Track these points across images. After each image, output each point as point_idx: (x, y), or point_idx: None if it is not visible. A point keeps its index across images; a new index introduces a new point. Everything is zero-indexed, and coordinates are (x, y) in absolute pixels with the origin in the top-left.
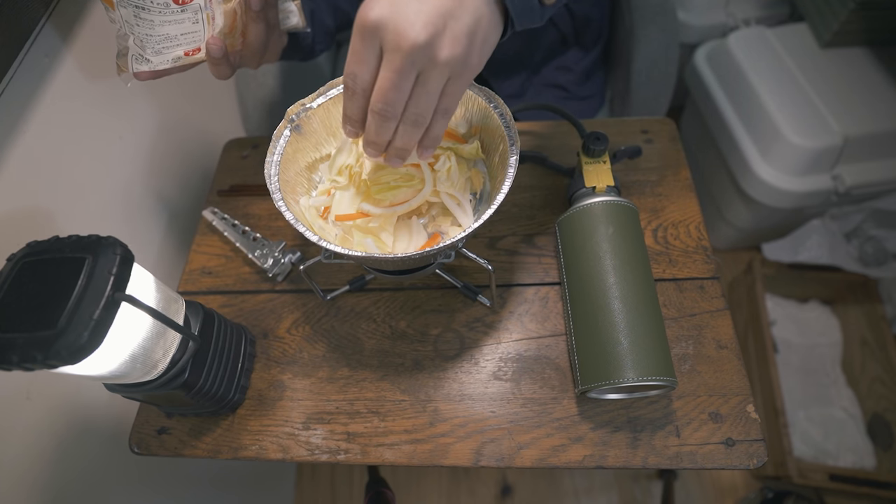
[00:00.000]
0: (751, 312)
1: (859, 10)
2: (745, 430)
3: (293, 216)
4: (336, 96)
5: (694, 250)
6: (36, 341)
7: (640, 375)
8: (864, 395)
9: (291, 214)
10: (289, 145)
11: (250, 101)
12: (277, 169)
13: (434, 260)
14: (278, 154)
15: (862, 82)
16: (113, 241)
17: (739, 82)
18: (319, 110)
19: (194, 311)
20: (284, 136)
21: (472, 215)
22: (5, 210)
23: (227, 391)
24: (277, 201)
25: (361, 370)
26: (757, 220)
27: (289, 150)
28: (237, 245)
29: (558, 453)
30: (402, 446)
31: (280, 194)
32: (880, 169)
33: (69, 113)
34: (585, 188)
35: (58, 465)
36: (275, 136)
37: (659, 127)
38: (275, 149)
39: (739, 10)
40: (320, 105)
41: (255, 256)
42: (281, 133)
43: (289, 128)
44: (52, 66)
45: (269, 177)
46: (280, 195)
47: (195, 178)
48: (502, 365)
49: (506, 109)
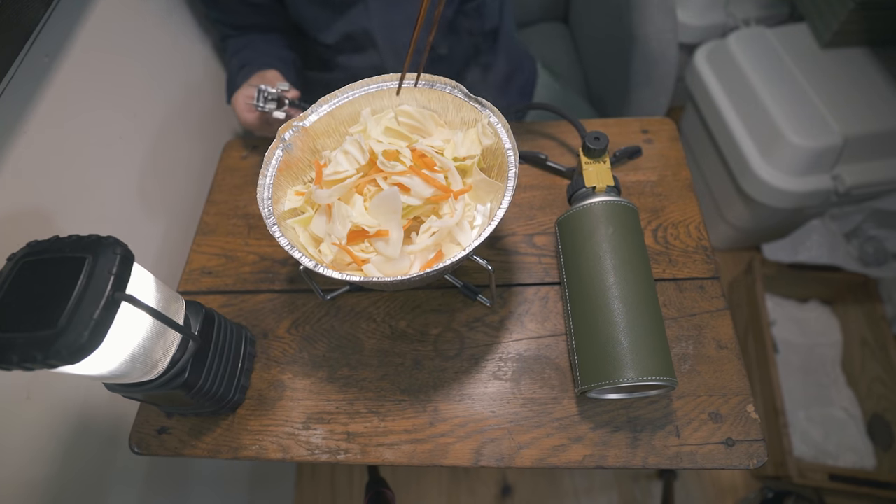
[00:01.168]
0: (751, 312)
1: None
2: (745, 430)
3: (288, 242)
4: (327, 112)
5: (694, 250)
6: (36, 341)
7: (640, 375)
8: (864, 395)
9: (286, 240)
10: (282, 164)
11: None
12: (270, 192)
13: (434, 281)
14: (270, 176)
15: (862, 82)
16: (113, 241)
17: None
18: (311, 128)
19: (194, 311)
20: (277, 156)
21: (470, 233)
22: (5, 210)
23: (227, 391)
24: (271, 226)
25: (361, 370)
26: (757, 220)
27: (282, 168)
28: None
29: (558, 453)
30: (402, 446)
31: (274, 218)
32: (880, 169)
33: (69, 113)
34: (585, 188)
35: (58, 465)
36: (266, 156)
37: (659, 127)
38: (266, 170)
39: (739, 10)
40: (312, 123)
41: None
42: (273, 154)
43: (281, 147)
44: (52, 66)
45: (262, 200)
46: (274, 219)
47: (195, 178)
48: (502, 365)
49: (503, 120)
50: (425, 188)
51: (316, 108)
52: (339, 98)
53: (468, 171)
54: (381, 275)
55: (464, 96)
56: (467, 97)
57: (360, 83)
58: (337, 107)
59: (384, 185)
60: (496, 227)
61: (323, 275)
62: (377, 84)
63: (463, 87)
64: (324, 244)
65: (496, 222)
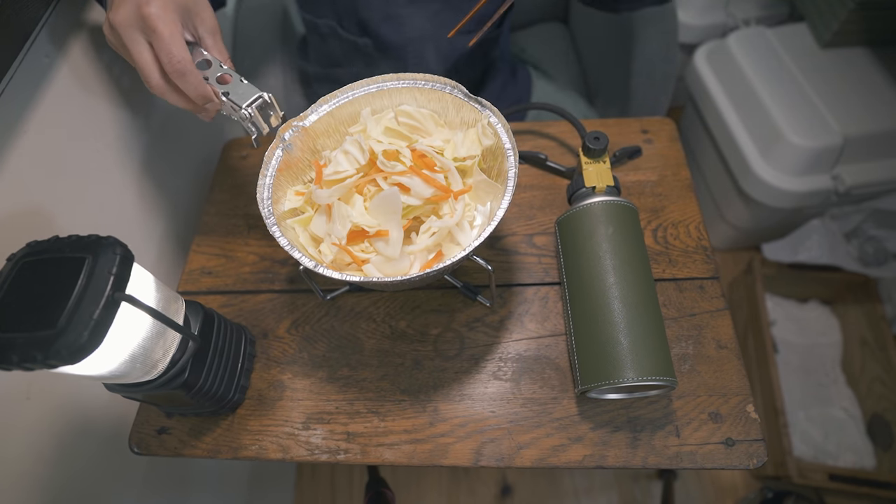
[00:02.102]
0: (751, 312)
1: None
2: (745, 430)
3: (288, 242)
4: (327, 112)
5: (694, 250)
6: (36, 341)
7: (640, 375)
8: (864, 395)
9: (286, 240)
10: (281, 164)
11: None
12: (270, 192)
13: (434, 281)
14: (270, 176)
15: (862, 82)
16: (113, 241)
17: (739, 82)
18: (311, 128)
19: (194, 311)
20: (276, 156)
21: (470, 233)
22: (5, 210)
23: (227, 391)
24: (271, 227)
25: (361, 370)
26: (757, 220)
27: (282, 168)
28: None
29: (558, 453)
30: (401, 446)
31: (274, 218)
32: (880, 169)
33: (69, 113)
34: (585, 188)
35: (58, 465)
36: (266, 156)
37: (659, 127)
38: (266, 170)
39: (739, 10)
40: (312, 123)
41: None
42: (273, 154)
43: (280, 147)
44: (52, 66)
45: (262, 200)
46: (274, 219)
47: (195, 178)
48: (502, 365)
49: (503, 120)
50: (425, 188)
51: (316, 108)
52: (339, 98)
53: (468, 172)
54: (380, 275)
55: (464, 96)
56: (467, 97)
57: (361, 83)
58: (337, 107)
59: (384, 186)
60: (496, 228)
61: (323, 275)
62: (377, 84)
63: (463, 87)
64: (324, 244)
65: (496, 222)
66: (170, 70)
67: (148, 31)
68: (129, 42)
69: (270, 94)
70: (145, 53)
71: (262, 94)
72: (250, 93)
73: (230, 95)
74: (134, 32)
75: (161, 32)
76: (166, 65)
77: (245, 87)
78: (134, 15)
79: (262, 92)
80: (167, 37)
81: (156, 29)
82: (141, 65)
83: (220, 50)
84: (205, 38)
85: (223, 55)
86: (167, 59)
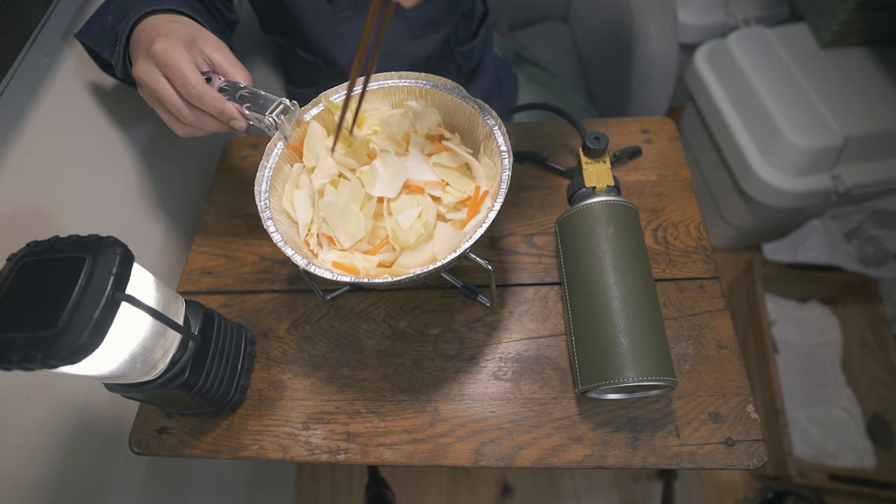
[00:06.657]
0: (751, 312)
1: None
2: (745, 430)
3: (281, 238)
4: (325, 108)
5: (694, 250)
6: (36, 341)
7: (640, 375)
8: (864, 395)
9: (280, 236)
10: (281, 158)
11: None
12: (268, 184)
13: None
14: (270, 168)
15: (862, 82)
16: (113, 241)
17: (739, 82)
18: (311, 122)
19: (194, 311)
20: (278, 147)
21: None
22: (5, 210)
23: (227, 391)
24: (265, 220)
25: (361, 370)
26: (757, 220)
27: (280, 162)
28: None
29: (558, 453)
30: (401, 446)
31: (269, 212)
32: (880, 169)
33: (69, 113)
34: (585, 188)
35: (58, 465)
36: (268, 148)
37: (659, 127)
38: (267, 161)
39: (739, 10)
40: (313, 118)
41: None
42: (274, 145)
43: (282, 139)
44: (52, 66)
45: (259, 193)
46: (269, 213)
47: (195, 178)
48: (502, 365)
49: (500, 122)
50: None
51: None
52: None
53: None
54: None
55: (463, 98)
56: (467, 98)
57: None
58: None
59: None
60: (496, 228)
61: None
62: (378, 83)
63: (462, 88)
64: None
65: (488, 223)
66: (188, 96)
67: (161, 67)
68: (153, 83)
69: (287, 99)
70: (169, 88)
71: (281, 100)
72: (270, 102)
73: (252, 108)
74: (154, 74)
75: (172, 63)
76: (185, 93)
77: (264, 98)
78: (147, 61)
79: (280, 98)
80: (178, 66)
81: (167, 63)
82: (167, 98)
83: (233, 62)
84: (214, 57)
85: (236, 66)
86: (184, 89)
